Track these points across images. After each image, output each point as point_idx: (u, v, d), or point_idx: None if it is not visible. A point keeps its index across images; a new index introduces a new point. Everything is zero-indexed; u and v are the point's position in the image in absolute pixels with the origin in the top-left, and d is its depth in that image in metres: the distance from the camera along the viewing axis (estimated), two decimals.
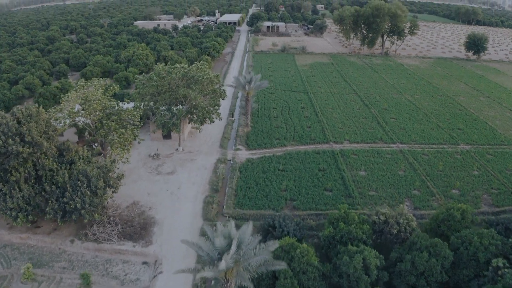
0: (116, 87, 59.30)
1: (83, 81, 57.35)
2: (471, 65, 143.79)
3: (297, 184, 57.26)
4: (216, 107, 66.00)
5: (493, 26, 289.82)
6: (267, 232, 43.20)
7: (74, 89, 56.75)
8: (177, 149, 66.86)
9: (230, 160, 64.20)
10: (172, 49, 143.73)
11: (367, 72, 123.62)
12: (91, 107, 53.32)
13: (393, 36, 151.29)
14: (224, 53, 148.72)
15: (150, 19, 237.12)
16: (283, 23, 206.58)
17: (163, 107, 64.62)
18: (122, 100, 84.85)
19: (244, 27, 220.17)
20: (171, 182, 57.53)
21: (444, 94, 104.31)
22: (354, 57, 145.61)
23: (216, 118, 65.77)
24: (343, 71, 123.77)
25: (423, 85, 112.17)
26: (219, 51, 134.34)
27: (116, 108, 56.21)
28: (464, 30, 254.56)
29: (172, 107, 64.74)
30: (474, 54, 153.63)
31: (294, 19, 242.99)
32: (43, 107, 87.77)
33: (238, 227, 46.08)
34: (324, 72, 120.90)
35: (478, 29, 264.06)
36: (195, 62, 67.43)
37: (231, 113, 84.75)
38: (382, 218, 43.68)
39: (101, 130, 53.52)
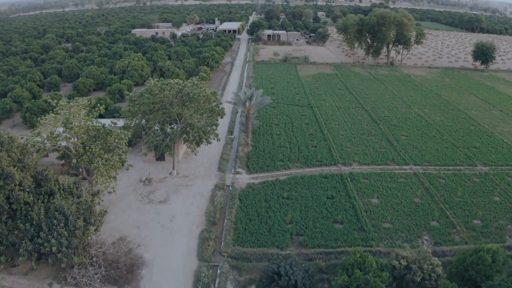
0: (102, 107, 53.38)
1: (64, 101, 51.51)
2: (479, 75, 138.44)
3: (303, 215, 51.43)
4: (214, 126, 60.28)
5: (497, 34, 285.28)
6: (271, 280, 37.31)
7: (55, 109, 50.85)
8: (171, 173, 61.08)
9: (229, 185, 58.39)
10: (169, 59, 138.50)
11: (373, 84, 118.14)
12: (73, 131, 47.61)
13: (399, 46, 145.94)
14: (223, 63, 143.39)
15: (148, 27, 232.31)
16: (284, 32, 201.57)
17: (156, 127, 59.01)
18: (114, 116, 79.70)
19: (244, 36, 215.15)
20: (164, 213, 51.67)
21: (455, 107, 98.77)
22: (358, 68, 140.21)
23: (214, 139, 59.95)
24: (348, 82, 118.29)
25: (433, 97, 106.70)
26: (218, 61, 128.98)
27: (102, 131, 50.46)
28: (468, 38, 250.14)
29: (166, 126, 59.11)
30: (482, 63, 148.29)
31: (295, 27, 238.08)
32: (30, 122, 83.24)
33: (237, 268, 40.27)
34: (328, 84, 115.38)
35: (482, 37, 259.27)
36: (190, 78, 61.68)
37: (230, 131, 79.00)
38: (403, 262, 37.90)
39: (84, 156, 47.76)
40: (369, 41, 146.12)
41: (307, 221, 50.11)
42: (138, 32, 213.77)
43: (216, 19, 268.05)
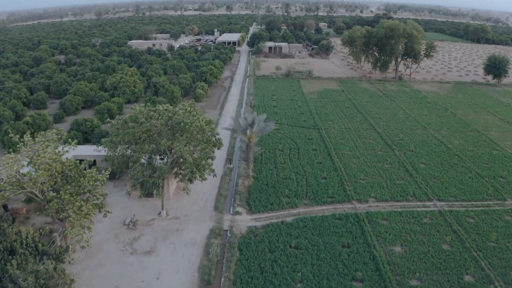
0: (73, 142, 44.94)
1: (29, 135, 43.09)
2: (492, 90, 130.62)
3: (315, 270, 42.90)
4: (210, 160, 51.88)
5: (503, 45, 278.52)
6: None
7: (18, 145, 42.45)
8: (159, 214, 52.61)
9: (227, 230, 49.86)
10: (165, 73, 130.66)
11: (382, 101, 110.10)
12: (38, 172, 39.28)
13: (408, 59, 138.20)
14: (222, 78, 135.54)
15: (145, 39, 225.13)
16: (286, 44, 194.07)
17: (142, 159, 50.75)
18: (100, 141, 71.16)
19: (244, 48, 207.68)
20: (149, 268, 43.13)
21: (473, 128, 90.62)
22: (365, 83, 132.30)
23: (209, 175, 51.51)
24: (356, 99, 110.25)
25: (448, 117, 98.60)
26: (217, 76, 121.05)
27: (74, 171, 42.07)
28: (475, 50, 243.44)
29: (154, 159, 50.82)
30: (494, 78, 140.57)
31: (297, 38, 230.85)
32: (9, 147, 74.79)
33: None
34: (335, 102, 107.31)
35: (489, 48, 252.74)
36: (182, 104, 53.34)
37: (229, 158, 70.60)
38: None
39: (52, 203, 39.36)
40: (377, 54, 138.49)
41: (320, 280, 41.60)
42: (134, 43, 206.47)
43: (215, 30, 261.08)
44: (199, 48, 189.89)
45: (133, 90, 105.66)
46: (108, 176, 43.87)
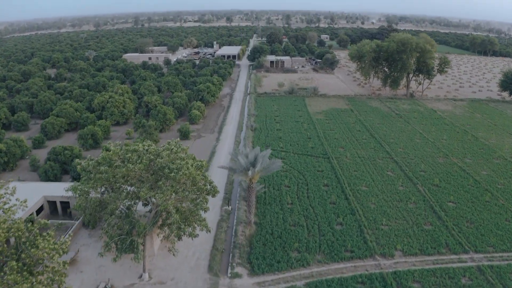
0: (23, 201, 34.77)
1: None
2: (511, 109, 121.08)
3: None
4: (202, 212, 41.95)
5: (511, 57, 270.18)
6: None
7: None
8: (141, 277, 42.58)
9: None
10: (159, 90, 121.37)
11: (396, 123, 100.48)
12: None
13: (420, 75, 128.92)
14: (221, 95, 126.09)
15: (141, 52, 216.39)
16: (288, 58, 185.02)
17: (119, 209, 40.89)
18: (79, 177, 61.26)
19: (244, 62, 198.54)
20: None
21: (499, 155, 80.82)
22: (375, 101, 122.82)
23: (202, 230, 41.51)
24: (367, 121, 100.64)
25: (469, 141, 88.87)
26: (215, 95, 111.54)
27: (24, 237, 32.04)
28: (483, 63, 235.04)
29: (133, 209, 41.00)
30: (510, 94, 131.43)
31: (300, 51, 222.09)
32: None
33: None
34: (345, 124, 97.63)
35: (497, 61, 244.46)
36: (167, 143, 43.32)
37: (227, 198, 60.46)
38: None
39: None
40: (387, 70, 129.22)
41: None
42: (129, 57, 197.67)
43: (214, 42, 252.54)
44: (197, 62, 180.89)
45: (122, 111, 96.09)
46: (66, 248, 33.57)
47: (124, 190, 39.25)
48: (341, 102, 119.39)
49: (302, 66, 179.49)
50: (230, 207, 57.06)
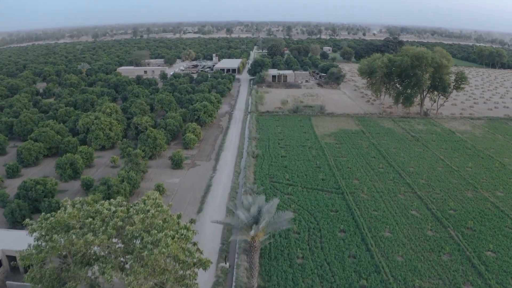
0: None
1: None
2: None
3: None
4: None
5: None
6: None
7: None
8: None
9: None
10: (151, 109, 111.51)
11: (413, 147, 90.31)
12: None
13: (435, 92, 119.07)
14: (220, 114, 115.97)
15: (136, 65, 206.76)
16: (291, 72, 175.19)
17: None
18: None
19: (245, 76, 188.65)
20: None
21: None
22: (387, 121, 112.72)
23: None
24: (382, 145, 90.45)
25: (497, 169, 78.60)
26: (212, 115, 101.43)
27: None
28: (492, 76, 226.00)
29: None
30: None
31: (302, 64, 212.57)
32: None
33: None
34: (357, 149, 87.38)
35: (507, 74, 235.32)
36: (142, 200, 32.79)
37: (225, 252, 49.74)
38: None
39: None
40: (399, 86, 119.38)
41: None
42: (123, 70, 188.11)
43: (214, 55, 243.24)
44: (195, 76, 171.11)
45: (108, 134, 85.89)
46: None
47: (83, 269, 28.83)
48: (350, 122, 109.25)
49: (306, 81, 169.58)
50: (227, 263, 46.42)
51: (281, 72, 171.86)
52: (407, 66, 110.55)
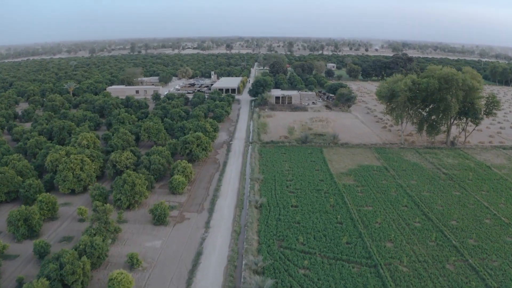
0: None
1: None
2: None
3: None
4: None
5: None
6: None
7: None
8: None
9: None
10: (137, 139, 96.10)
11: (449, 189, 74.71)
12: None
13: (463, 118, 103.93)
14: (216, 143, 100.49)
15: (128, 83, 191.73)
16: (296, 92, 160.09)
17: None
18: None
19: (245, 96, 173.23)
20: None
21: None
22: (411, 152, 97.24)
23: None
24: (411, 187, 74.81)
25: None
26: (207, 148, 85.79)
27: None
28: (508, 95, 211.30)
29: None
30: None
31: (307, 83, 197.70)
32: None
33: None
34: (383, 193, 71.57)
35: None
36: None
37: None
38: None
39: None
40: (423, 112, 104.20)
41: None
42: (113, 90, 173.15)
43: (212, 73, 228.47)
44: (191, 97, 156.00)
45: (79, 176, 70.11)
46: None
47: None
48: (369, 155, 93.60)
49: (313, 103, 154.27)
50: None
51: (286, 93, 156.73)
52: (434, 90, 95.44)
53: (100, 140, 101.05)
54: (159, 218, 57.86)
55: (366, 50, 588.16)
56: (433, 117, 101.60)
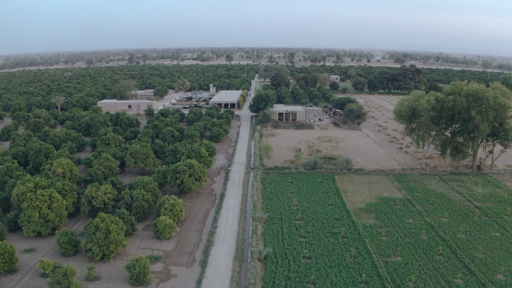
0: None
1: None
2: None
3: None
4: None
5: None
6: None
7: None
8: None
9: None
10: (122, 164, 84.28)
11: (486, 228, 62.85)
12: None
13: (492, 140, 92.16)
14: (213, 170, 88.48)
15: (121, 97, 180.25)
16: (301, 108, 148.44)
17: None
18: None
19: (245, 112, 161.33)
20: None
21: None
22: (434, 179, 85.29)
23: None
24: (444, 227, 62.85)
25: None
26: (201, 178, 73.76)
27: None
28: None
29: None
30: None
31: (312, 97, 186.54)
32: None
33: None
34: (412, 237, 59.49)
35: None
36: None
37: None
38: None
39: None
40: (447, 134, 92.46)
41: None
42: (104, 105, 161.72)
43: (211, 85, 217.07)
44: (186, 113, 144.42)
45: (46, 216, 58.07)
46: None
47: None
48: (388, 183, 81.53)
49: (319, 119, 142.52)
50: None
51: (289, 108, 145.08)
52: (461, 109, 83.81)
53: (81, 165, 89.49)
54: (137, 278, 45.76)
55: (368, 61, 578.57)
56: (458, 138, 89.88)
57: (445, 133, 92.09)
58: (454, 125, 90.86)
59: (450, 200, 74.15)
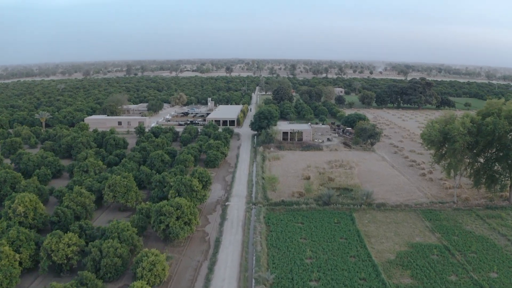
0: None
1: None
2: None
3: None
4: None
5: None
6: None
7: None
8: None
9: None
10: (99, 198, 71.05)
11: None
12: None
13: None
14: (207, 206, 75.00)
15: (111, 113, 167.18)
16: (307, 126, 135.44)
17: None
18: None
19: (246, 130, 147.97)
20: None
21: None
22: (468, 216, 71.85)
23: None
24: (491, 285, 49.13)
25: None
26: (191, 221, 60.18)
27: None
28: None
29: None
30: None
31: (317, 113, 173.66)
32: None
33: None
34: None
35: None
36: None
37: None
38: None
39: None
40: (479, 158, 79.14)
41: None
42: (92, 121, 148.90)
43: (209, 99, 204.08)
44: (181, 132, 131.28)
45: (8, 276, 44.68)
46: None
47: None
48: (417, 223, 68.02)
49: (328, 139, 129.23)
50: None
51: (295, 127, 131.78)
52: (502, 133, 70.60)
53: (53, 197, 76.25)
54: None
55: (371, 72, 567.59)
56: (494, 166, 76.59)
57: (476, 157, 78.58)
58: (489, 151, 77.60)
59: (494, 246, 60.65)
